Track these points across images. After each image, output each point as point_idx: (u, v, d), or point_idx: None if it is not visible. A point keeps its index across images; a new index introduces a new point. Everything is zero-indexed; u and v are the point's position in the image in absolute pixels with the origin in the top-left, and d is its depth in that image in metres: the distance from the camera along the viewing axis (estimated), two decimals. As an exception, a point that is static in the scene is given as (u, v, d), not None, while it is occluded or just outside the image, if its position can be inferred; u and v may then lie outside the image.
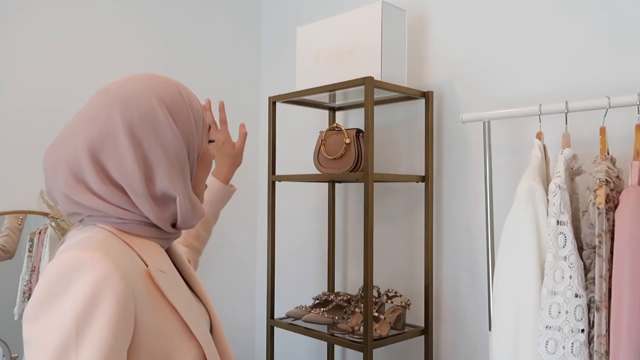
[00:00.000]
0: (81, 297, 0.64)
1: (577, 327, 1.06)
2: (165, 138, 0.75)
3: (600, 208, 1.03)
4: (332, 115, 2.11)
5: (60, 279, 0.66)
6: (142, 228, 0.77)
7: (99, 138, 0.74)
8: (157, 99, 0.77)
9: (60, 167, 0.75)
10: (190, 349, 0.75)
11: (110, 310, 0.65)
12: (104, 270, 0.66)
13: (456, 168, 1.77)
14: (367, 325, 1.57)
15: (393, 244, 1.96)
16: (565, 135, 1.26)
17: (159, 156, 0.75)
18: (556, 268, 1.07)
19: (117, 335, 0.65)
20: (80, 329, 0.64)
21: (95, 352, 0.63)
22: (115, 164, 0.73)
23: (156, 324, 0.72)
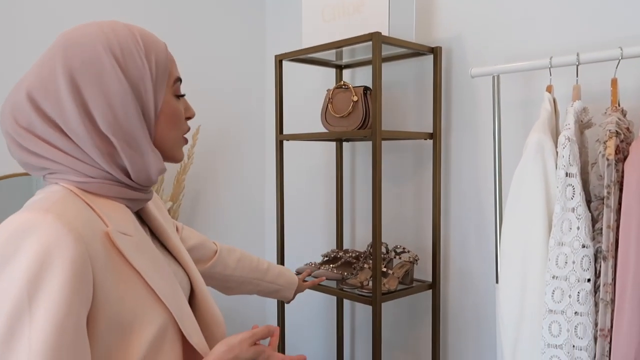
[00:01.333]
0: (31, 260, 0.62)
1: (583, 277, 1.07)
2: (110, 87, 0.72)
3: (610, 159, 1.03)
4: (340, 73, 2.09)
5: (9, 242, 0.63)
6: (106, 187, 0.75)
7: (41, 84, 0.72)
8: (104, 46, 0.73)
9: (9, 114, 0.73)
10: (158, 315, 0.74)
11: (64, 274, 0.63)
12: (56, 232, 0.64)
13: (465, 125, 1.76)
14: (376, 280, 1.60)
15: (401, 202, 1.97)
16: (576, 88, 1.24)
17: (101, 105, 0.72)
18: (564, 219, 1.08)
19: (73, 299, 0.63)
20: (32, 294, 0.61)
21: (50, 317, 0.62)
22: (57, 110, 0.71)
23: (117, 287, 0.70)
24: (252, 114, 2.47)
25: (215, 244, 1.24)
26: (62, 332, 0.62)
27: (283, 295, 1.38)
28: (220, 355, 0.79)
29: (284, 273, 1.37)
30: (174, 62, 0.83)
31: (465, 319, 1.80)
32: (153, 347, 0.73)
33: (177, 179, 2.09)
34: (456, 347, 1.83)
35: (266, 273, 1.31)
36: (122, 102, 0.73)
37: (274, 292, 1.36)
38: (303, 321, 2.35)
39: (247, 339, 0.82)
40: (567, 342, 1.07)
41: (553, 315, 1.08)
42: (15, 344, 0.61)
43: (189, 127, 0.84)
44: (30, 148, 0.73)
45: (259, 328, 0.86)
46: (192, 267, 0.91)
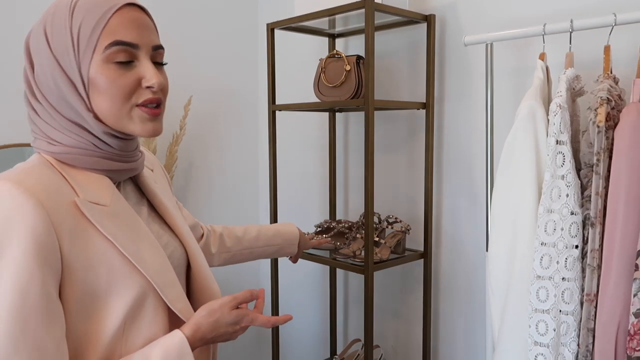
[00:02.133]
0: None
1: (571, 243, 1.09)
2: (44, 61, 0.74)
3: (600, 126, 1.03)
4: (332, 42, 2.07)
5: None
6: (85, 159, 0.75)
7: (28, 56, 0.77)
8: (44, 22, 0.75)
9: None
10: (135, 282, 0.74)
11: (24, 241, 0.64)
12: (14, 199, 0.65)
13: (458, 94, 1.76)
14: (368, 249, 1.62)
15: (394, 172, 1.98)
16: (569, 55, 1.24)
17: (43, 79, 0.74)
18: (553, 187, 1.09)
19: (36, 265, 0.64)
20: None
21: (12, 283, 0.63)
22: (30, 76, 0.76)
23: (87, 256, 0.70)
24: (245, 84, 2.44)
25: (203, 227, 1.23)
26: (25, 298, 0.63)
27: (285, 252, 1.37)
28: (200, 320, 0.79)
29: (280, 232, 1.33)
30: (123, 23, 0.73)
31: (456, 287, 1.82)
32: (132, 313, 0.74)
33: (169, 150, 2.08)
34: (447, 314, 1.86)
35: (256, 240, 1.29)
36: (54, 76, 0.74)
37: (274, 253, 1.34)
38: (297, 291, 2.38)
39: (228, 302, 0.83)
40: (554, 307, 1.09)
41: (541, 281, 1.10)
42: None
43: (151, 98, 0.76)
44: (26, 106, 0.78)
45: (240, 293, 0.86)
46: (190, 240, 0.91)
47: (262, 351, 2.55)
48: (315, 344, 2.35)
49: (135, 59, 0.75)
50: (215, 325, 0.80)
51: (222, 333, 0.82)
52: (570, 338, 1.10)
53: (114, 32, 0.73)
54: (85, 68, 0.73)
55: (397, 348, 2.04)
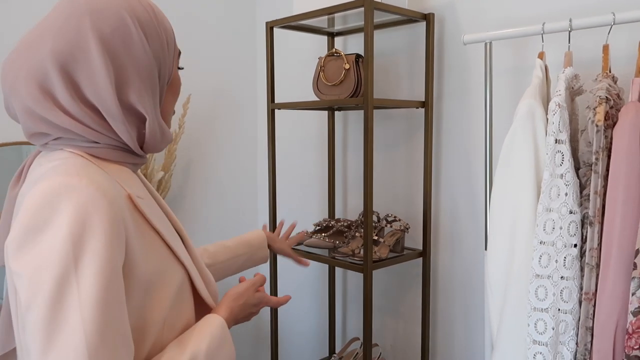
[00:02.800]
0: (72, 221, 0.63)
1: (570, 242, 1.09)
2: (138, 55, 0.71)
3: (599, 125, 1.03)
4: (331, 41, 2.07)
5: (47, 204, 0.64)
6: (113, 153, 0.75)
7: (68, 50, 0.68)
8: (129, 14, 0.72)
9: (24, 78, 0.70)
10: (177, 272, 0.78)
11: (104, 234, 0.64)
12: (92, 194, 0.65)
13: (457, 93, 1.76)
14: (367, 248, 1.62)
15: (392, 171, 1.98)
16: (568, 54, 1.24)
17: (131, 74, 0.71)
18: (552, 186, 1.09)
19: (114, 257, 0.65)
20: (77, 252, 0.63)
21: (97, 275, 0.63)
22: (87, 80, 0.69)
23: (143, 248, 0.72)
24: (244, 83, 2.44)
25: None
26: (108, 290, 0.64)
27: (257, 258, 1.31)
28: (232, 303, 0.87)
29: (243, 239, 1.29)
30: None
31: (455, 285, 1.82)
32: (175, 303, 0.77)
33: (168, 149, 2.08)
34: (445, 313, 1.86)
35: (216, 256, 1.22)
36: (148, 71, 0.73)
37: (244, 263, 1.29)
38: (295, 289, 2.38)
39: (251, 286, 0.92)
40: (552, 305, 1.09)
41: (539, 280, 1.10)
42: (65, 305, 0.62)
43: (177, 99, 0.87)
44: (45, 115, 0.70)
45: (256, 277, 0.96)
46: (183, 231, 0.92)
47: (261, 349, 2.55)
48: (313, 342, 2.35)
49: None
50: (244, 307, 0.89)
51: (248, 314, 0.91)
52: (568, 337, 1.10)
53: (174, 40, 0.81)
54: (173, 70, 0.79)
55: (395, 347, 2.04)
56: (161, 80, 0.76)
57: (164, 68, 0.76)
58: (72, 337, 0.61)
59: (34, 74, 0.69)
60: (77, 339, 0.61)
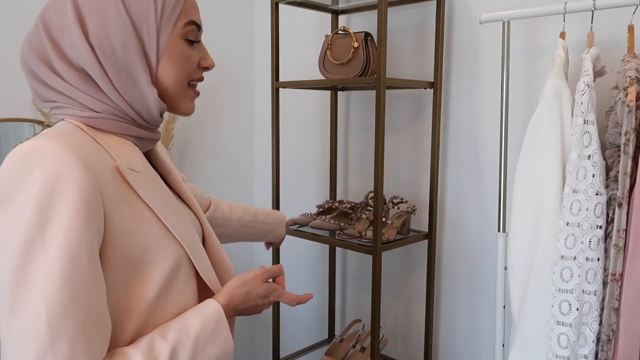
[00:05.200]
0: (40, 188, 0.60)
1: (595, 224, 1.09)
2: (111, 20, 0.70)
3: (631, 106, 1.02)
4: (335, 18, 2.02)
5: (17, 169, 0.62)
6: (114, 124, 0.73)
7: (52, 11, 0.72)
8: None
9: (27, 43, 0.74)
10: (172, 250, 0.73)
11: (74, 202, 0.61)
12: (64, 159, 0.62)
13: (466, 74, 1.74)
14: (377, 229, 1.60)
15: (398, 152, 1.96)
16: (590, 34, 1.22)
17: (101, 37, 0.70)
18: (579, 167, 1.08)
19: (85, 227, 0.62)
20: (43, 220, 0.60)
21: (63, 245, 0.60)
22: (67, 40, 0.70)
23: (129, 221, 0.69)
24: (242, 61, 2.38)
25: (208, 198, 1.28)
26: (76, 261, 0.61)
27: (277, 233, 1.43)
28: (234, 290, 0.80)
29: (271, 213, 1.42)
30: (193, 5, 0.79)
31: (459, 268, 1.83)
32: (167, 282, 0.73)
33: (165, 128, 2.02)
34: (448, 295, 1.86)
35: (257, 214, 1.36)
36: (121, 35, 0.71)
37: (268, 232, 1.40)
38: (294, 271, 2.36)
39: (260, 275, 0.84)
40: (577, 287, 1.09)
41: (565, 262, 1.10)
42: (30, 274, 0.60)
43: (201, 77, 0.82)
44: (45, 79, 0.72)
45: (270, 266, 0.87)
46: (201, 212, 0.90)
47: (260, 332, 2.53)
48: (313, 324, 2.34)
49: (198, 40, 0.80)
50: (247, 297, 0.81)
51: (252, 305, 0.82)
52: (592, 317, 1.11)
53: (188, 12, 0.77)
54: (164, 37, 0.74)
55: (396, 328, 2.04)
56: (147, 49, 0.73)
57: (150, 37, 0.72)
58: (33, 307, 0.59)
59: (32, 37, 0.73)
60: (38, 309, 0.59)
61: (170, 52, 0.74)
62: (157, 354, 0.67)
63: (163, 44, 0.74)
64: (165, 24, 0.73)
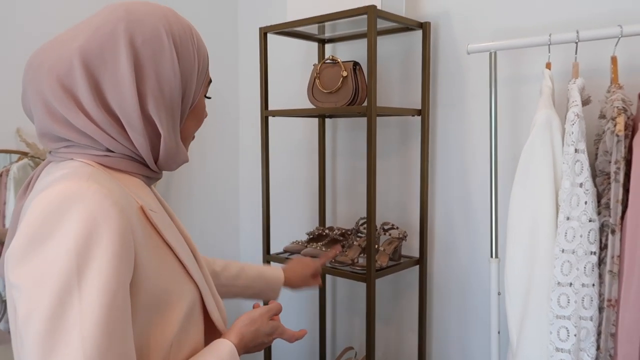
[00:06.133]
0: (78, 231, 0.59)
1: (589, 250, 1.11)
2: (165, 71, 0.70)
3: (620, 135, 1.06)
4: (322, 47, 2.05)
5: (52, 212, 0.60)
6: (126, 163, 0.72)
7: (98, 51, 0.67)
8: (166, 30, 0.71)
9: (47, 70, 0.67)
10: (189, 290, 0.73)
11: (112, 245, 0.60)
12: (100, 202, 0.61)
13: (453, 101, 1.77)
14: (370, 257, 1.60)
15: (387, 178, 1.97)
16: (575, 65, 1.27)
17: (153, 87, 0.69)
18: (572, 195, 1.11)
19: (120, 271, 0.61)
20: (81, 265, 0.58)
21: (101, 291, 0.59)
22: (112, 86, 0.67)
23: (154, 262, 0.68)
24: (226, 88, 2.39)
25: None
26: (112, 308, 0.59)
27: (265, 297, 1.21)
28: (243, 329, 0.81)
29: (263, 275, 1.19)
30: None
31: (450, 293, 1.84)
32: (185, 322, 0.72)
33: (152, 157, 2.00)
34: (440, 320, 1.87)
35: (236, 279, 1.14)
36: (171, 88, 0.71)
37: (252, 295, 1.19)
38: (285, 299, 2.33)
39: (265, 313, 0.86)
40: (574, 313, 1.11)
41: (561, 288, 1.11)
42: (64, 322, 0.57)
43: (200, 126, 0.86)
44: (68, 117, 0.67)
45: (272, 304, 0.89)
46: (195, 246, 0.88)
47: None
48: (304, 352, 2.31)
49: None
50: (256, 335, 0.82)
51: (259, 343, 0.84)
52: (589, 343, 1.12)
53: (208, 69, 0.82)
54: (197, 94, 0.77)
55: (387, 355, 2.03)
56: (184, 102, 0.75)
57: (189, 90, 0.74)
58: (70, 357, 0.56)
59: (58, 68, 0.67)
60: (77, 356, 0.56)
61: (197, 107, 0.79)
62: None
63: (196, 99, 0.77)
64: (200, 83, 0.77)
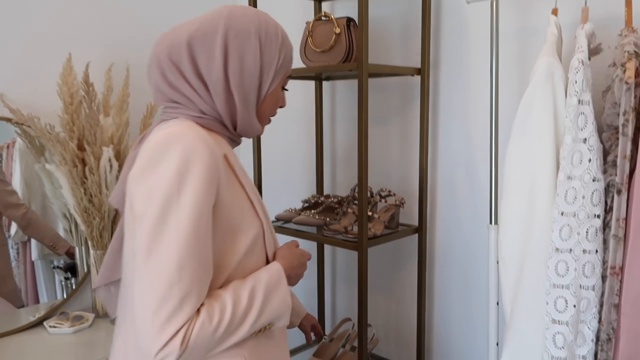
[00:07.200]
0: (179, 161, 0.80)
1: (593, 213, 1.00)
2: (247, 60, 0.90)
3: (630, 82, 0.93)
4: (318, 5, 1.93)
5: (163, 146, 0.82)
6: (216, 125, 0.93)
7: (201, 36, 0.89)
8: (255, 29, 0.91)
9: (163, 48, 0.91)
10: (255, 224, 0.92)
11: (201, 174, 0.81)
12: (198, 143, 0.82)
13: (455, 59, 1.65)
14: (362, 224, 1.51)
15: (385, 144, 1.87)
16: (585, 10, 1.14)
17: (235, 70, 0.90)
18: (575, 151, 0.99)
19: (206, 194, 0.81)
20: (179, 185, 0.80)
21: (192, 204, 0.80)
22: (206, 62, 0.89)
23: (230, 196, 0.88)
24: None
25: None
26: (199, 220, 0.80)
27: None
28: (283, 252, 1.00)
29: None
30: (292, 62, 1.01)
31: (452, 262, 1.74)
32: (249, 250, 0.91)
33: (143, 123, 1.92)
34: (442, 290, 1.78)
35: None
36: (250, 74, 0.91)
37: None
38: (282, 270, 2.27)
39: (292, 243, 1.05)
40: (574, 281, 1.01)
41: (560, 254, 1.01)
42: (166, 222, 0.79)
43: (276, 113, 1.03)
44: (171, 79, 0.90)
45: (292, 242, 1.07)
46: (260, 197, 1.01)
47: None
48: (301, 324, 2.25)
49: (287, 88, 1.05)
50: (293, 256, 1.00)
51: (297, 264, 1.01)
52: (590, 315, 1.02)
53: (290, 67, 1.00)
54: (274, 84, 0.96)
55: (388, 326, 1.96)
56: (261, 87, 0.94)
57: (265, 78, 0.94)
58: (168, 247, 0.78)
59: (171, 47, 0.90)
60: (172, 249, 0.78)
61: (272, 95, 0.97)
62: (240, 295, 0.86)
63: (272, 88, 0.96)
64: (277, 75, 0.96)
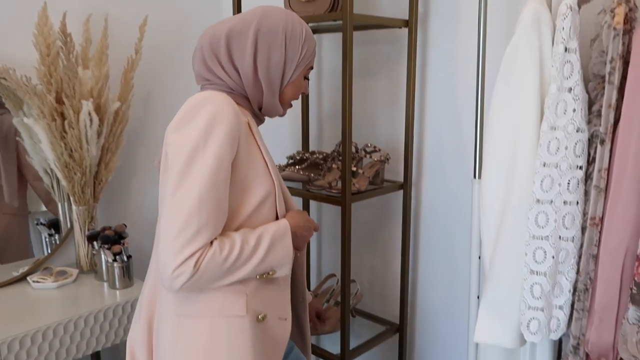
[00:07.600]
0: (207, 119, 0.95)
1: (575, 164, 0.99)
2: (274, 54, 1.05)
3: (618, 28, 0.90)
4: (304, -47, 1.85)
5: (195, 106, 0.98)
6: (244, 101, 1.09)
7: (237, 33, 1.05)
8: (284, 28, 1.05)
9: (207, 39, 1.07)
10: (268, 183, 1.04)
11: (225, 132, 0.95)
12: (225, 107, 0.97)
13: (445, 10, 1.60)
14: (346, 179, 1.50)
15: (372, 99, 1.84)
16: (576, -46, 1.09)
17: (264, 61, 1.05)
18: (559, 101, 0.97)
19: (227, 149, 0.95)
20: (205, 138, 0.94)
21: (215, 155, 0.94)
22: (239, 53, 1.05)
23: (248, 155, 1.01)
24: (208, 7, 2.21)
25: None
26: (220, 167, 0.94)
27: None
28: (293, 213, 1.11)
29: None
30: (315, 56, 1.14)
31: (437, 218, 1.74)
32: (260, 204, 1.03)
33: (124, 77, 1.86)
34: (428, 246, 1.79)
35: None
36: (276, 65, 1.06)
37: None
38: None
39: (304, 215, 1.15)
40: (553, 233, 1.00)
41: (540, 206, 1.00)
42: (192, 166, 0.94)
43: (298, 97, 1.16)
44: (210, 65, 1.07)
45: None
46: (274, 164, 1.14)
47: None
48: (287, 281, 2.27)
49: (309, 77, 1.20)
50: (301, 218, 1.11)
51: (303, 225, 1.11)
52: (568, 266, 1.02)
53: (312, 60, 1.13)
54: (296, 74, 1.10)
55: (372, 283, 1.98)
56: (284, 77, 1.08)
57: (289, 69, 1.08)
58: (191, 186, 0.93)
59: (212, 39, 1.06)
60: (194, 188, 0.92)
61: (294, 83, 1.10)
62: (248, 238, 0.99)
63: (294, 77, 1.10)
64: (299, 67, 1.09)
